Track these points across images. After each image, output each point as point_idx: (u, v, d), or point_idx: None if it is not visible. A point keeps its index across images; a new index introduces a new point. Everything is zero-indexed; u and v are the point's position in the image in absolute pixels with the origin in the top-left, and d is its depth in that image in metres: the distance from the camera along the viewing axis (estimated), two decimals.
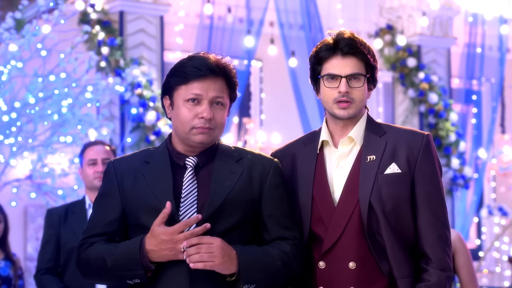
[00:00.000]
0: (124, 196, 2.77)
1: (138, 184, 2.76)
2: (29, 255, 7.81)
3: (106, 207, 2.80)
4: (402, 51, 9.77)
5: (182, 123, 2.73)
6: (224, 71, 2.76)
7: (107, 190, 2.83)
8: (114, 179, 2.81)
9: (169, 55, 8.86)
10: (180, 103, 2.74)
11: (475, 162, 9.96)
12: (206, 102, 2.72)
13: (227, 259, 2.62)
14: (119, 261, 2.67)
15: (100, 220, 2.79)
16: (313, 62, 2.93)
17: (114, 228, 2.77)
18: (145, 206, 2.72)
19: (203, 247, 2.60)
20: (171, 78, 2.78)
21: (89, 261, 2.75)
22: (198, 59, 2.75)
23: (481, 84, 10.49)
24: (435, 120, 9.65)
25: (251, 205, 2.76)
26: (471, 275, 4.25)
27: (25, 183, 6.66)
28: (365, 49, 2.90)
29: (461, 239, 4.27)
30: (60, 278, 4.54)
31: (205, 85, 2.71)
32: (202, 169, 2.77)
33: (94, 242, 2.76)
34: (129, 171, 2.80)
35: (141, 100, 7.78)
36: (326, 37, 3.00)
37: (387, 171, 2.81)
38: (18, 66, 6.42)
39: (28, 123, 6.53)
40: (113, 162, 2.87)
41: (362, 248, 2.79)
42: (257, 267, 2.67)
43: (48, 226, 4.60)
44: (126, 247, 2.69)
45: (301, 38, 8.73)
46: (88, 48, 7.78)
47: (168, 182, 2.73)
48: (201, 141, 2.74)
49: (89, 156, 4.57)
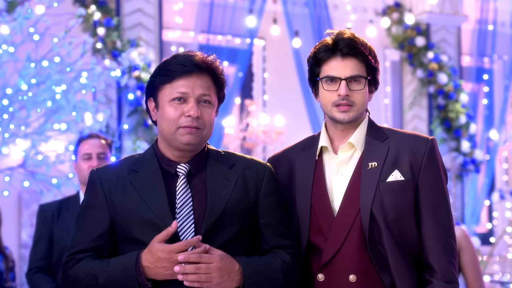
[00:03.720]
0: (112, 208, 2.65)
1: (128, 195, 2.65)
2: (24, 242, 7.74)
3: (93, 220, 2.68)
4: (410, 29, 9.59)
5: (167, 123, 2.64)
6: (210, 68, 2.69)
7: (93, 202, 2.70)
8: (100, 190, 2.68)
9: (168, 34, 8.67)
10: (165, 103, 2.65)
11: (486, 143, 9.84)
12: (192, 100, 2.64)
13: (226, 279, 2.56)
14: (113, 278, 2.58)
15: (87, 235, 2.68)
16: (312, 63, 2.86)
17: (102, 243, 2.67)
18: (138, 219, 2.62)
19: (202, 267, 2.53)
20: (155, 78, 2.69)
21: (78, 279, 2.64)
22: (182, 56, 2.69)
23: (493, 61, 10.31)
24: (444, 101, 9.54)
25: (248, 214, 2.69)
26: (477, 273, 4.20)
27: (18, 171, 6.53)
28: (366, 49, 2.84)
29: (466, 236, 4.24)
30: (52, 277, 4.46)
31: (191, 82, 2.64)
32: (195, 176, 2.69)
33: (81, 258, 2.65)
34: (116, 180, 2.68)
35: (138, 83, 7.68)
36: (331, 15, 2.84)
37: (390, 179, 2.74)
38: (9, 51, 6.26)
39: (20, 109, 6.40)
40: (97, 172, 2.74)
41: (363, 260, 2.72)
42: (261, 280, 2.63)
43: (41, 223, 4.52)
44: (120, 263, 2.59)
45: (305, 16, 8.61)
46: (84, 29, 7.65)
47: (162, 192, 2.64)
48: (188, 142, 2.64)
49: (84, 150, 4.47)
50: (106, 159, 4.47)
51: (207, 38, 8.46)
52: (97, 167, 4.31)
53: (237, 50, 8.47)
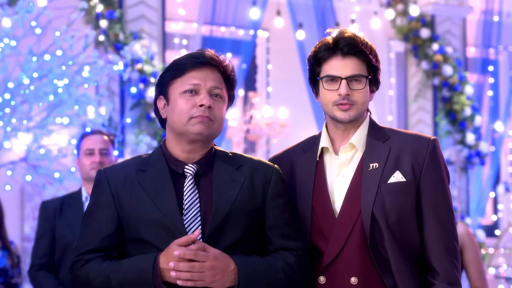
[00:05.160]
0: (120, 207, 2.62)
1: (136, 195, 2.62)
2: (27, 235, 7.72)
3: (101, 220, 2.64)
4: (415, 21, 9.50)
5: (179, 115, 2.61)
6: (221, 64, 2.68)
7: (100, 201, 2.66)
8: (108, 189, 2.65)
9: (172, 26, 8.62)
10: (176, 96, 2.63)
11: (491, 135, 9.77)
12: (204, 91, 2.62)
13: (219, 278, 2.52)
14: (127, 280, 2.53)
15: (95, 234, 2.64)
16: (312, 62, 2.83)
17: (111, 243, 2.63)
18: (146, 219, 2.59)
19: (196, 266, 2.50)
20: (165, 73, 2.67)
21: (89, 280, 2.59)
22: (193, 52, 2.69)
23: (498, 52, 10.21)
24: (449, 93, 9.46)
25: (255, 215, 2.67)
26: (480, 271, 4.22)
27: (20, 165, 6.51)
28: (366, 49, 2.80)
29: (469, 233, 4.24)
30: (55, 274, 4.44)
31: (203, 74, 2.63)
32: (202, 177, 2.66)
33: (91, 258, 2.61)
34: (124, 180, 2.65)
35: (141, 76, 7.64)
36: (335, 6, 2.81)
37: (391, 180, 2.71)
38: (11, 45, 6.25)
39: (22, 103, 6.39)
40: (104, 171, 2.70)
41: (365, 262, 2.69)
42: (258, 280, 2.59)
43: (43, 219, 4.51)
44: (134, 264, 2.55)
45: (309, 7, 8.55)
46: (86, 22, 7.59)
47: (171, 193, 2.61)
48: (200, 132, 2.60)
49: (86, 146, 4.47)
50: (109, 155, 4.48)
51: (210, 30, 8.42)
52: (99, 162, 4.35)
53: (240, 42, 8.43)
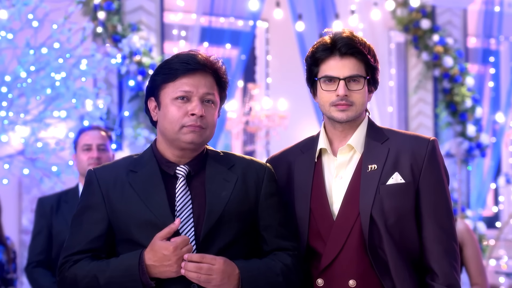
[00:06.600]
0: (110, 209, 2.62)
1: (127, 196, 2.62)
2: (24, 227, 7.68)
3: (91, 221, 2.64)
4: (415, 12, 9.43)
5: (170, 123, 2.60)
6: (213, 68, 2.66)
7: (90, 202, 2.66)
8: (98, 190, 2.64)
9: (170, 17, 8.56)
10: (167, 102, 2.61)
11: (492, 126, 9.74)
12: (196, 99, 2.60)
13: (225, 282, 2.53)
14: (114, 279, 2.54)
15: (84, 236, 2.64)
16: (310, 63, 2.83)
17: (100, 244, 2.63)
18: (137, 221, 2.58)
19: (204, 268, 2.50)
20: (157, 76, 2.64)
21: (77, 280, 2.59)
22: (185, 55, 2.66)
23: (500, 43, 10.16)
24: (450, 84, 9.41)
25: (248, 215, 2.66)
26: (480, 267, 4.23)
27: (18, 158, 6.49)
28: (365, 49, 2.79)
29: (469, 230, 4.25)
30: (52, 272, 4.43)
31: (195, 81, 2.61)
32: (194, 178, 2.65)
33: (79, 259, 2.62)
34: (114, 181, 2.64)
35: (140, 67, 7.57)
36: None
37: (390, 181, 2.70)
38: (8, 38, 6.21)
39: (19, 97, 6.35)
40: (94, 172, 2.69)
41: (363, 264, 2.68)
42: (259, 284, 2.60)
43: (39, 216, 4.50)
44: (121, 263, 2.55)
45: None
46: (84, 13, 7.52)
47: (162, 194, 2.60)
48: (192, 141, 2.60)
49: (84, 141, 4.46)
50: (106, 150, 4.48)
51: (209, 21, 8.34)
52: (97, 158, 4.33)
53: (239, 33, 8.35)
